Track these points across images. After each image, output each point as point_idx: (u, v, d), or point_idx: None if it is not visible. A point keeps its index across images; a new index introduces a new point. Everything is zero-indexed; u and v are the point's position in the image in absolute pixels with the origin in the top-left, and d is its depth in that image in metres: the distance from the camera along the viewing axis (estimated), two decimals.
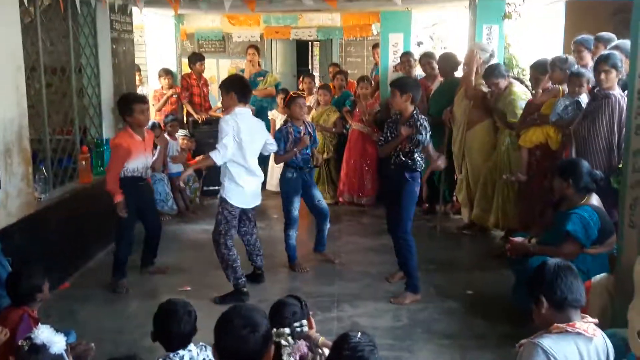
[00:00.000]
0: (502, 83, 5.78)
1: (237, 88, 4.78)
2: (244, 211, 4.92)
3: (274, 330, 2.56)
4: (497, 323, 4.28)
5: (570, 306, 2.43)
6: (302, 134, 5.30)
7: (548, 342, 2.36)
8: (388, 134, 4.78)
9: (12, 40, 4.46)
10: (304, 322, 2.75)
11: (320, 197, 5.54)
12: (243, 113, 4.75)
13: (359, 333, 2.35)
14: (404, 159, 4.64)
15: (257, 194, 4.94)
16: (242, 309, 2.19)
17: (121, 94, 5.83)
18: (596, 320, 2.48)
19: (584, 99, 4.79)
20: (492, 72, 5.83)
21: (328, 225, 5.60)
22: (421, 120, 4.62)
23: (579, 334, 2.37)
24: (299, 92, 5.65)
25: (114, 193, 4.91)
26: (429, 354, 3.96)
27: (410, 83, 4.86)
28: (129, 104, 5.02)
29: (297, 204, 5.43)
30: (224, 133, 4.61)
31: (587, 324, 2.42)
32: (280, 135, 5.30)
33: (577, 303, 2.45)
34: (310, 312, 2.94)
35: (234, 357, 2.12)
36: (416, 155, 4.64)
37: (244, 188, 4.76)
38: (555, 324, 2.40)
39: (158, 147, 5.66)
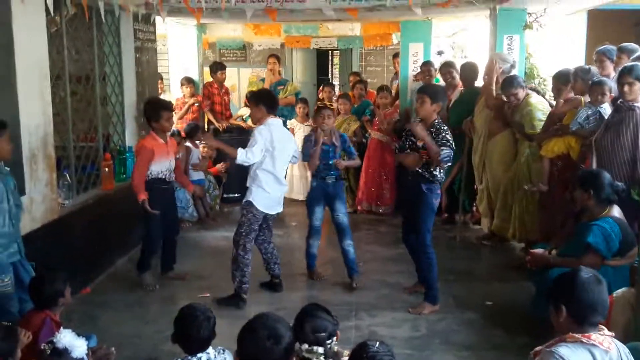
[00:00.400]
0: (521, 93, 5.75)
1: (265, 100, 4.91)
2: (265, 218, 4.96)
3: (305, 346, 2.54)
4: (517, 334, 4.24)
5: (590, 324, 2.42)
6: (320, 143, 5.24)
7: (564, 351, 2.35)
8: (405, 143, 4.77)
9: (38, 49, 4.55)
10: (334, 339, 2.69)
11: (341, 212, 5.34)
12: (275, 124, 4.88)
13: (377, 342, 2.34)
14: (421, 170, 4.62)
15: (280, 201, 5.02)
16: (267, 320, 2.20)
17: (148, 99, 5.93)
18: (612, 334, 2.47)
19: (606, 108, 4.75)
20: (510, 83, 5.80)
21: (350, 243, 5.32)
22: (443, 133, 4.55)
23: (594, 345, 2.36)
24: (326, 104, 5.65)
25: (138, 191, 5.03)
26: None
27: (442, 92, 4.87)
28: (158, 110, 5.20)
29: (319, 214, 5.36)
30: (256, 142, 4.72)
31: (602, 337, 2.40)
32: (303, 142, 5.39)
33: (597, 320, 2.43)
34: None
35: None
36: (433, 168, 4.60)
37: (270, 194, 4.84)
38: (571, 334, 2.40)
39: (179, 154, 5.75)
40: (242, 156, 4.73)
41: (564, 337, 2.41)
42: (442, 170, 4.67)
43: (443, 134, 4.57)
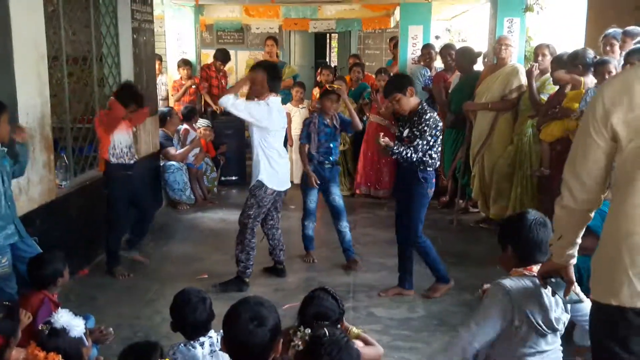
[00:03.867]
0: (547, 61, 5.66)
1: (270, 79, 4.71)
2: (274, 200, 4.91)
3: (308, 331, 2.43)
4: None
5: (535, 262, 2.57)
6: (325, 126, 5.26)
7: (509, 282, 2.55)
8: (401, 134, 4.60)
9: (35, 29, 4.50)
10: (339, 326, 2.62)
11: (337, 195, 5.40)
12: (276, 101, 4.77)
13: (326, 330, 2.16)
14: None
15: (287, 177, 4.98)
16: (250, 302, 2.17)
17: (123, 84, 5.75)
18: None
19: None
20: (547, 45, 5.86)
21: (346, 225, 5.38)
22: (423, 123, 4.32)
23: (534, 276, 2.53)
24: (334, 86, 5.43)
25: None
26: (445, 345, 3.95)
27: (401, 76, 4.74)
28: (130, 99, 5.07)
29: (314, 197, 5.40)
30: (249, 105, 4.65)
31: None
32: (304, 124, 5.38)
33: (541, 260, 2.56)
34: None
35: (240, 350, 2.12)
36: (425, 154, 4.38)
37: (278, 172, 4.79)
38: (514, 269, 2.60)
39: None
40: (228, 102, 4.60)
41: (510, 273, 2.61)
42: (436, 154, 4.46)
43: (423, 125, 4.34)
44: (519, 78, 6.02)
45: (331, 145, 5.29)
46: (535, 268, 2.55)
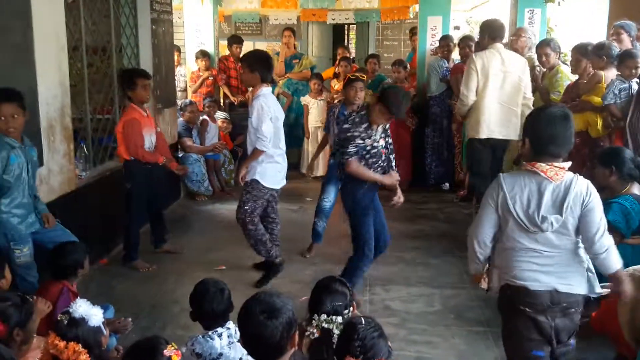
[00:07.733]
0: (553, 58, 5.65)
1: (261, 67, 4.59)
2: (271, 195, 4.82)
3: (324, 317, 2.56)
4: None
5: (550, 154, 2.62)
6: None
7: (507, 175, 2.72)
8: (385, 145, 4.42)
9: (56, 20, 4.53)
10: (351, 309, 2.73)
11: None
12: (269, 94, 4.66)
13: (363, 319, 2.32)
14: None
15: (283, 174, 4.85)
16: (262, 296, 2.16)
17: (123, 69, 5.78)
18: (565, 166, 2.64)
19: (634, 85, 4.67)
20: (547, 43, 5.75)
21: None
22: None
23: (536, 172, 2.61)
24: (358, 75, 5.24)
25: (155, 159, 5.00)
26: (462, 340, 3.95)
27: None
28: (132, 77, 5.01)
29: (331, 196, 5.36)
30: (261, 120, 4.50)
31: (548, 167, 2.60)
32: (328, 113, 5.38)
33: (557, 152, 2.62)
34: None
35: (254, 343, 2.12)
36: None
37: (280, 164, 4.74)
38: (523, 164, 2.71)
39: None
40: (266, 144, 4.53)
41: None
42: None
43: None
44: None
45: None
46: (538, 165, 2.61)
